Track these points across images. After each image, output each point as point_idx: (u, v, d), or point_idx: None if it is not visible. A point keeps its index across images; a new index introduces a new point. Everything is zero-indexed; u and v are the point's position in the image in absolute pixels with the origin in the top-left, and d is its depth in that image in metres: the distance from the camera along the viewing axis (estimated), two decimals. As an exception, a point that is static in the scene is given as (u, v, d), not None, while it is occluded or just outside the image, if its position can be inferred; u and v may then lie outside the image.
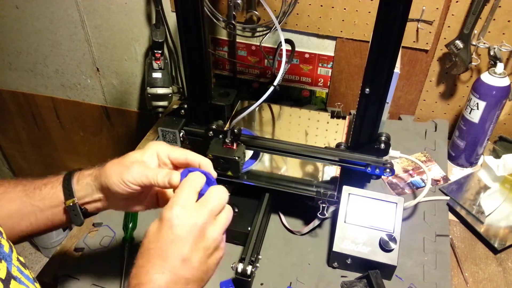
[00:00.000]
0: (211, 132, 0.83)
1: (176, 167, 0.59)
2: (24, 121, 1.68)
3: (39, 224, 0.60)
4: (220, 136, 0.83)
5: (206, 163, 0.57)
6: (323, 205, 0.78)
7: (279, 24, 0.99)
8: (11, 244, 0.47)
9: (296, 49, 1.09)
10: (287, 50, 0.96)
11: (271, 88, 0.73)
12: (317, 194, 0.79)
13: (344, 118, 0.97)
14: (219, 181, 0.57)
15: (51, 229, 0.62)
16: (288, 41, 0.95)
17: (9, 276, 0.42)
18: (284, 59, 0.75)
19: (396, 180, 0.96)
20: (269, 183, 0.85)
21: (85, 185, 0.59)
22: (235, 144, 0.81)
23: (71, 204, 0.58)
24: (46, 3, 1.27)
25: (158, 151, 0.58)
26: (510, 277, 0.79)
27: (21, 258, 0.48)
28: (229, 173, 0.82)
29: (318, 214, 0.79)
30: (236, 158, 0.79)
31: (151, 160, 0.58)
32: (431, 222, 0.86)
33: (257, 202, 0.85)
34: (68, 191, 0.58)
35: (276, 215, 0.89)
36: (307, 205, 0.83)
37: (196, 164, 0.57)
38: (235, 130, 0.80)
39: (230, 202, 0.53)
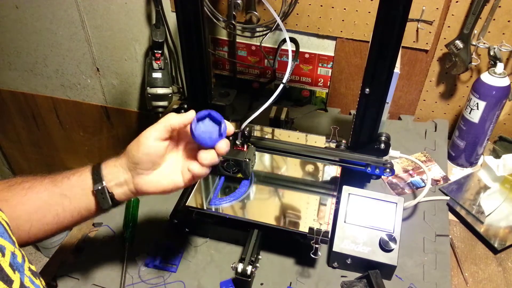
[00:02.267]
0: None
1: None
2: (24, 121, 1.68)
3: (65, 215, 0.60)
4: (230, 137, 0.82)
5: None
6: (316, 245, 0.72)
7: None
8: (23, 254, 0.47)
9: (296, 49, 1.10)
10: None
11: (281, 86, 0.72)
12: (310, 232, 0.73)
13: (338, 146, 0.85)
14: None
15: (77, 222, 0.63)
16: (291, 39, 0.95)
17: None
18: (290, 56, 0.74)
19: (396, 180, 0.96)
20: (259, 210, 0.80)
21: (112, 167, 0.61)
22: (245, 146, 0.81)
23: (99, 187, 0.59)
24: (46, 3, 1.27)
25: (172, 125, 0.58)
26: (510, 277, 0.79)
27: (32, 267, 0.48)
28: (239, 175, 0.82)
29: (311, 254, 0.73)
30: (247, 160, 0.79)
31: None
32: (431, 222, 0.86)
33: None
34: (96, 176, 0.60)
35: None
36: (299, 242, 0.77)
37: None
38: (245, 132, 0.80)
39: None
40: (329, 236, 0.73)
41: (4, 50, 1.45)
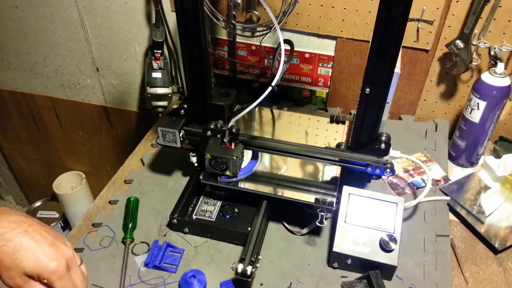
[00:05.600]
0: (209, 132, 0.83)
1: None
2: (23, 121, 1.68)
3: None
4: (218, 135, 0.83)
5: None
6: (322, 213, 0.77)
7: (279, 24, 0.99)
8: None
9: (296, 48, 1.09)
10: (286, 50, 0.96)
11: (269, 89, 0.73)
12: (316, 202, 0.78)
13: (343, 123, 0.96)
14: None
15: None
16: (287, 41, 0.95)
17: None
18: (282, 59, 0.75)
19: (396, 180, 0.96)
20: (267, 188, 0.84)
21: None
22: (233, 144, 0.81)
23: None
24: (45, 2, 1.27)
25: None
26: (510, 278, 0.79)
27: None
28: (227, 172, 0.82)
29: (317, 223, 0.78)
30: (234, 157, 0.79)
31: None
32: (431, 222, 0.86)
33: (256, 207, 0.84)
34: None
35: (276, 215, 0.88)
36: (306, 212, 0.82)
37: None
38: (233, 130, 0.80)
39: (230, 203, 0.52)
40: (334, 206, 0.78)
41: (4, 50, 1.45)
